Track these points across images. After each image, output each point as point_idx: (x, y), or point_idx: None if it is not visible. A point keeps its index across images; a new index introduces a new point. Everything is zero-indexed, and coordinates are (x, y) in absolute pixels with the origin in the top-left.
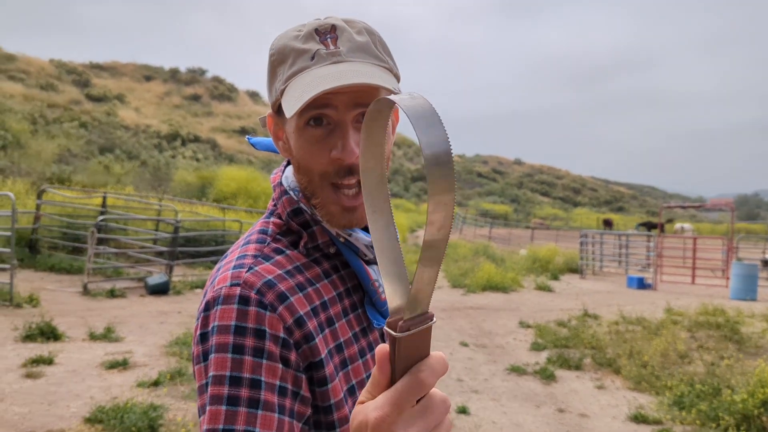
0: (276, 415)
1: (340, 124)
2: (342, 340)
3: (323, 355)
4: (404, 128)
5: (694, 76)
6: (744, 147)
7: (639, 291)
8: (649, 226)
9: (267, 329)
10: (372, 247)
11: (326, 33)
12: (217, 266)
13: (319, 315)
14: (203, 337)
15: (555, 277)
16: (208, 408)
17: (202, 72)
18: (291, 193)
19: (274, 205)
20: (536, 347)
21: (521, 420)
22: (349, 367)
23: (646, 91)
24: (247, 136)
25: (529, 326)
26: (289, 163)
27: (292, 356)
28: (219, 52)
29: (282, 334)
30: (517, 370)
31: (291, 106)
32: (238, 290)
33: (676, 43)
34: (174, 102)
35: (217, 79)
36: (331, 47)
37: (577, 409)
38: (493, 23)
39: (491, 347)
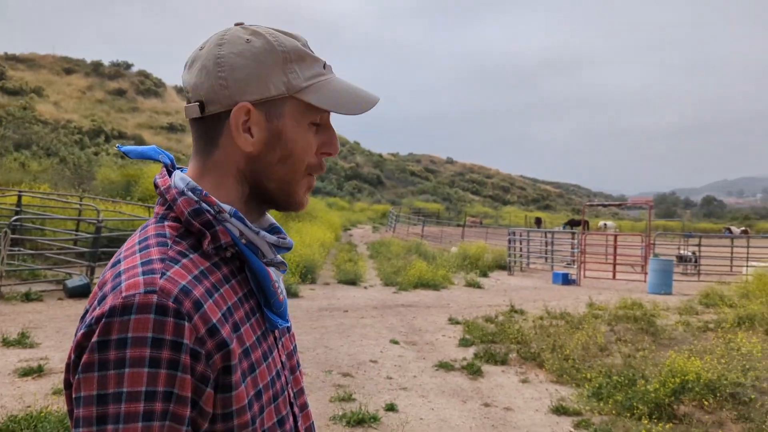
0: (184, 428)
1: (326, 125)
2: (248, 344)
3: (234, 362)
4: (338, 127)
5: (618, 80)
6: (663, 148)
7: (564, 286)
8: (573, 223)
9: (183, 341)
10: (275, 246)
11: (306, 45)
12: (112, 271)
13: (229, 321)
14: (103, 347)
15: (484, 274)
16: (120, 427)
17: (127, 66)
18: (189, 193)
19: (167, 209)
20: (464, 343)
21: (448, 415)
22: (257, 371)
23: (573, 93)
24: (117, 145)
25: (458, 323)
26: (169, 169)
27: (200, 367)
28: (145, 45)
29: (193, 345)
30: (445, 367)
31: (351, 107)
32: (154, 298)
33: (602, 47)
34: (97, 97)
35: (143, 74)
36: (326, 64)
37: (502, 403)
38: (428, 25)
39: (421, 344)
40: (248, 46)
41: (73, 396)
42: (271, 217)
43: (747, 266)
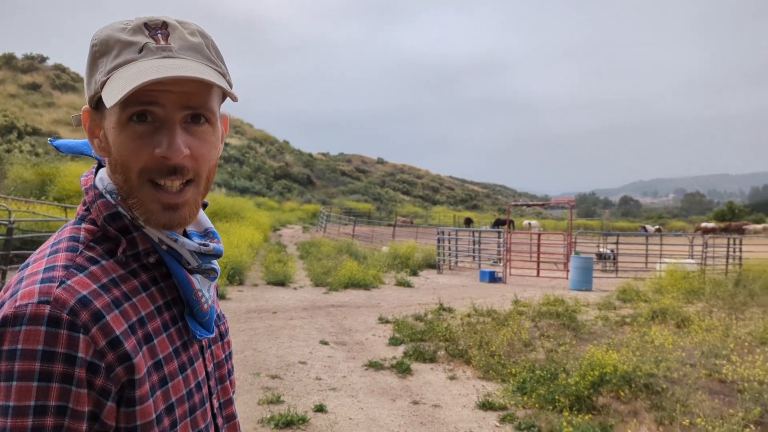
0: None
1: (166, 122)
2: (161, 356)
3: (141, 375)
4: (267, 126)
5: (541, 84)
6: (583, 150)
7: (490, 284)
8: (500, 223)
9: (78, 354)
10: (197, 254)
11: (156, 28)
12: (18, 275)
13: (137, 332)
14: None
15: (414, 273)
16: None
17: (42, 59)
18: (108, 196)
19: (86, 210)
20: (394, 342)
21: (377, 414)
22: (169, 384)
23: (499, 96)
24: (49, 139)
25: (388, 322)
26: (101, 165)
27: (99, 381)
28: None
29: (91, 358)
30: (374, 366)
31: (113, 96)
32: (47, 309)
33: (526, 52)
34: (9, 91)
35: (60, 68)
36: (162, 42)
37: (431, 400)
38: (358, 25)
39: (351, 344)
40: (89, 46)
41: None
42: (207, 220)
43: (660, 263)
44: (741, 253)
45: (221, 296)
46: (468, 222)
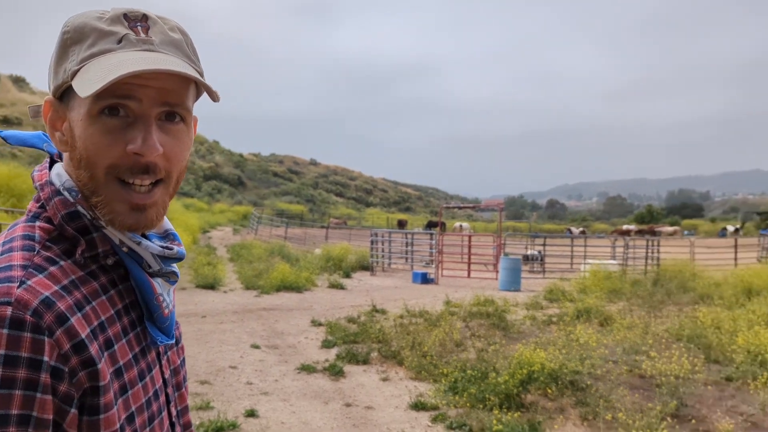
0: None
1: (141, 118)
2: (121, 363)
3: (105, 382)
4: (198, 127)
5: (471, 89)
6: (512, 154)
7: (423, 285)
8: (432, 225)
9: (43, 358)
10: (160, 257)
11: (137, 20)
12: None
13: (99, 337)
14: None
15: (347, 275)
16: None
17: None
18: (66, 193)
19: (41, 207)
20: (327, 345)
21: (310, 417)
22: (129, 392)
23: (431, 99)
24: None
25: (320, 324)
26: (53, 161)
27: (62, 387)
28: None
29: (55, 362)
30: (307, 369)
31: (88, 87)
32: (9, 311)
33: (457, 56)
34: None
35: None
36: (142, 35)
37: (363, 402)
38: (290, 25)
39: (283, 347)
40: (59, 32)
41: None
42: (168, 222)
43: (585, 263)
44: (659, 254)
45: None
46: (401, 224)
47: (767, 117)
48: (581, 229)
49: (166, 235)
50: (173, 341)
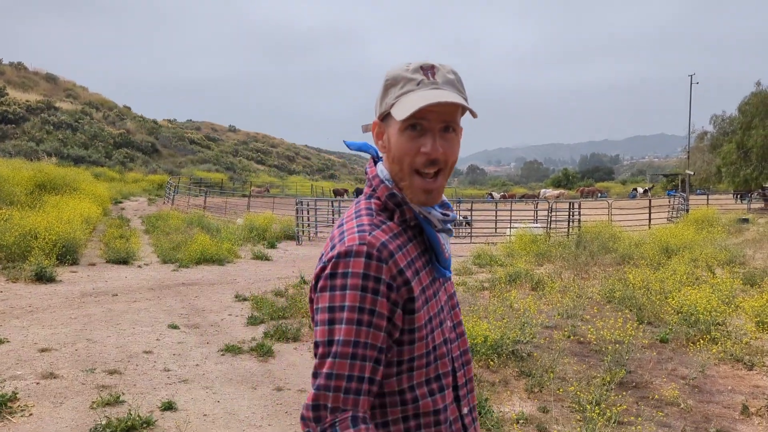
0: (381, 332)
1: (430, 131)
2: (424, 284)
3: (417, 294)
4: (104, 90)
5: (393, 55)
6: None
7: None
8: (359, 192)
9: (382, 276)
10: (442, 220)
11: (428, 69)
12: (338, 231)
13: (412, 267)
14: (333, 276)
15: (272, 245)
16: (343, 326)
17: None
18: (386, 182)
19: (373, 190)
20: (253, 321)
21: (236, 407)
22: (428, 304)
23: (352, 66)
24: (343, 140)
25: (245, 299)
26: (374, 160)
27: (393, 295)
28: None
29: (388, 280)
30: (232, 350)
31: (404, 112)
32: (365, 248)
33: (378, 22)
34: None
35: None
36: (431, 79)
37: (296, 384)
38: None
39: (204, 327)
40: (383, 81)
41: (315, 306)
42: (443, 197)
43: (510, 228)
44: (580, 216)
45: (50, 279)
46: (338, 194)
47: (671, 84)
48: (502, 193)
49: (443, 205)
50: (450, 276)
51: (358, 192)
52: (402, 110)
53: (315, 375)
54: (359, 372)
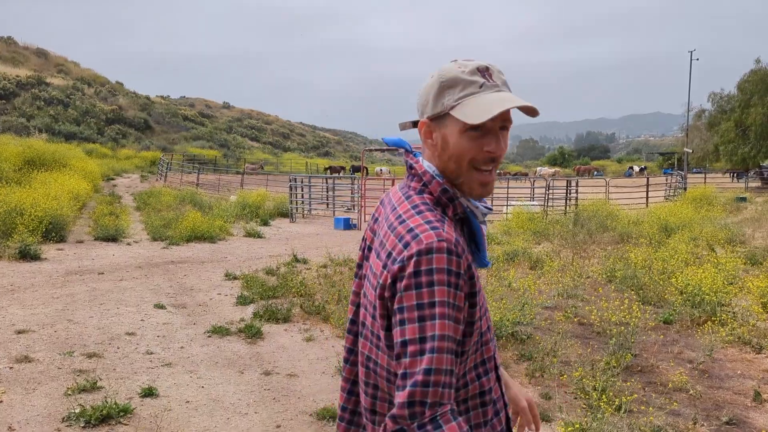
0: (460, 326)
1: (491, 131)
2: (476, 275)
3: (478, 287)
4: (97, 65)
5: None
6: None
7: (345, 231)
8: (356, 169)
9: (461, 271)
10: (483, 212)
11: (484, 71)
12: (401, 227)
13: (469, 260)
14: (417, 274)
15: (265, 223)
16: (436, 321)
17: None
18: (438, 178)
19: (423, 185)
20: (242, 301)
21: (221, 392)
22: (480, 293)
23: (350, 43)
24: (382, 137)
25: (235, 278)
26: (411, 152)
27: (466, 288)
28: None
29: (464, 273)
30: (219, 332)
31: (478, 117)
32: (445, 244)
33: (378, 1)
34: None
35: None
36: (490, 81)
37: (285, 368)
38: None
39: (192, 306)
40: (430, 80)
41: (395, 306)
42: None
43: (507, 205)
44: (577, 194)
45: (34, 257)
46: (335, 171)
47: (666, 62)
48: (498, 170)
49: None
50: (491, 264)
51: (355, 169)
52: (475, 115)
53: (405, 375)
54: (451, 365)
